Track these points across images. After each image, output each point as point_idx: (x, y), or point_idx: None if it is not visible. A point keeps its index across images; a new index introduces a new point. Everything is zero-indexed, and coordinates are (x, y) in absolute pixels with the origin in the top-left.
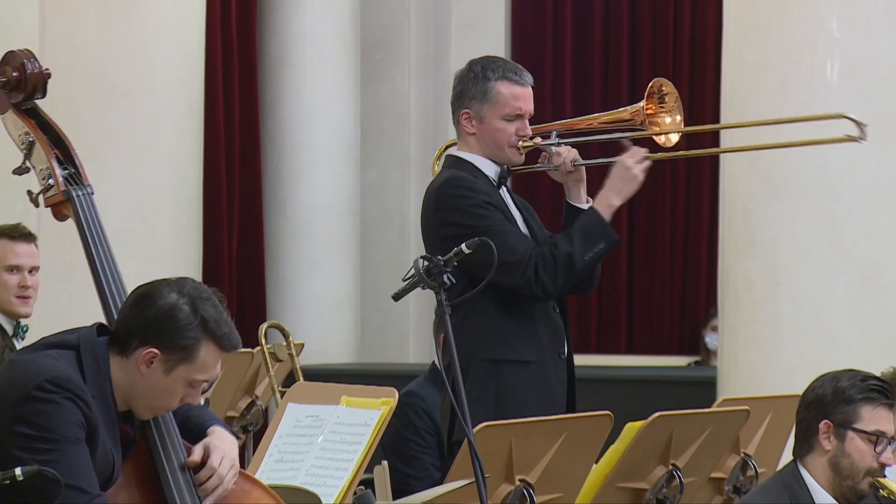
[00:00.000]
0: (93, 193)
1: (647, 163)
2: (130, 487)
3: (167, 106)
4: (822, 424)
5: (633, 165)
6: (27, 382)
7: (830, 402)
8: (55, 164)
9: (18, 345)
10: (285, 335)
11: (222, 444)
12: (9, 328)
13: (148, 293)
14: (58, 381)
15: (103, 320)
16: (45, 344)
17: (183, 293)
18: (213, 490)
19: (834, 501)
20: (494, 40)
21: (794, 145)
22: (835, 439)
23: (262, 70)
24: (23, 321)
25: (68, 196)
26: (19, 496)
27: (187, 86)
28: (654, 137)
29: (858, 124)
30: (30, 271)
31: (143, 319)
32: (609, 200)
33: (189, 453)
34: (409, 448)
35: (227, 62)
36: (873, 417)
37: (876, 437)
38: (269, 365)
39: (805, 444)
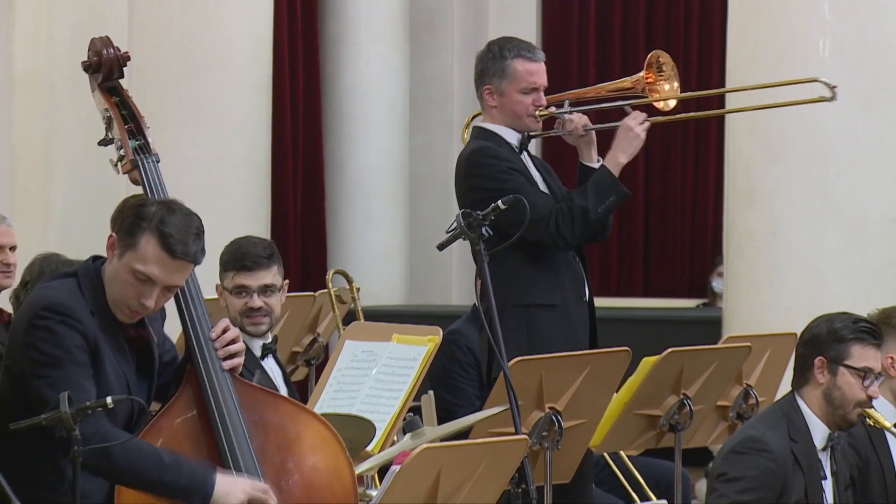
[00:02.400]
0: (158, 161)
1: (646, 124)
2: (181, 407)
3: (240, 79)
4: (817, 360)
5: (635, 126)
6: (29, 313)
7: (825, 341)
8: (126, 137)
9: None
10: (349, 280)
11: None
12: None
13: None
14: (51, 307)
15: None
16: (53, 277)
17: (163, 203)
18: (237, 352)
19: (826, 428)
20: (527, 21)
21: (773, 106)
22: (828, 374)
23: (322, 47)
24: None
25: (135, 164)
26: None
27: (257, 62)
28: (654, 102)
29: (829, 86)
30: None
31: (119, 212)
32: (617, 159)
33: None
34: (454, 379)
35: (292, 41)
36: (862, 355)
37: (864, 373)
38: (335, 306)
39: (802, 378)
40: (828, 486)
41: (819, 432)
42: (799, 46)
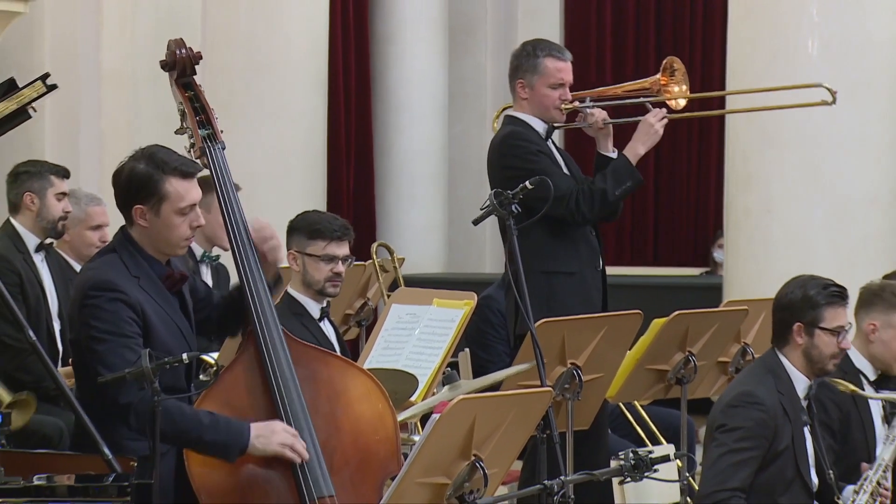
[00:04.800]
0: (224, 149)
1: (665, 121)
2: (242, 363)
3: (300, 75)
4: (796, 326)
5: (654, 122)
6: (80, 293)
7: (800, 308)
8: (197, 127)
9: (203, 270)
10: (390, 251)
11: None
12: (198, 252)
13: (115, 171)
14: (98, 285)
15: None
16: (95, 255)
17: (136, 156)
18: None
19: (806, 379)
20: (551, 24)
21: (780, 108)
22: (805, 336)
23: (372, 47)
24: (214, 252)
25: (204, 151)
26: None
27: (315, 60)
28: (667, 101)
29: (830, 91)
30: None
31: (120, 191)
32: (636, 149)
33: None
34: (486, 338)
35: (345, 41)
36: (834, 316)
37: (838, 331)
38: (379, 274)
39: (782, 339)
40: (807, 431)
41: (801, 384)
42: (790, 44)
